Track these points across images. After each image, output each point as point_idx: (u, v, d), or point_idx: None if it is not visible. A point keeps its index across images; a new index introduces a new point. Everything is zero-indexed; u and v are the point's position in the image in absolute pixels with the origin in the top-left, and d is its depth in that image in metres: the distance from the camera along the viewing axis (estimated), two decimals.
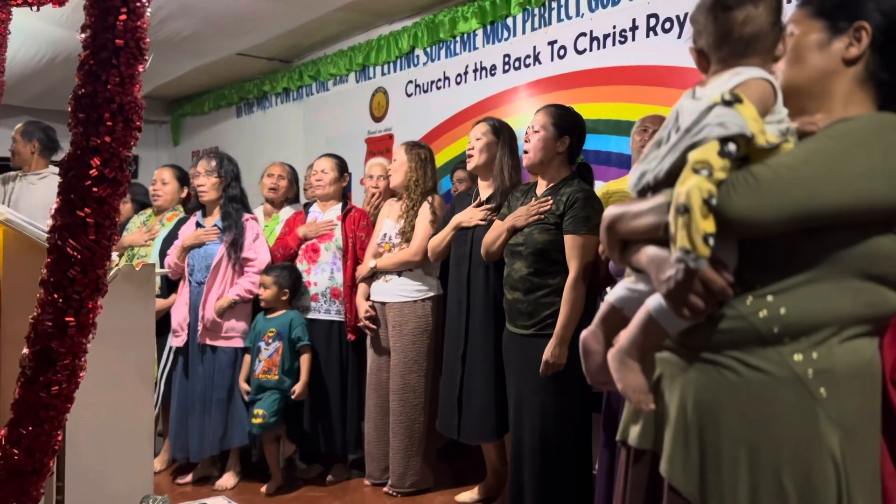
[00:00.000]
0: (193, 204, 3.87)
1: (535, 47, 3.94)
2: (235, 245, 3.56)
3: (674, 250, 1.08)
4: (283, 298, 3.51)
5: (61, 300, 1.18)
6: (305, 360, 3.50)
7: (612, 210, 1.28)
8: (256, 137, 6.11)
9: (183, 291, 3.63)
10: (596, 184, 3.16)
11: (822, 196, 1.07)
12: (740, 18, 1.18)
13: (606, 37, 3.59)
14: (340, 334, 3.63)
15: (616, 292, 1.31)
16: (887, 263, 1.10)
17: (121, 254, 3.86)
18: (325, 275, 3.64)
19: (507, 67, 4.10)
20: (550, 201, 2.74)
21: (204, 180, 3.64)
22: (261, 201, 4.24)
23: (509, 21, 4.08)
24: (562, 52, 3.81)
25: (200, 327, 3.52)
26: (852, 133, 1.11)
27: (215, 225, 3.62)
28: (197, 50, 4.81)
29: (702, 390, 1.15)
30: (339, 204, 3.78)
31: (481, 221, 3.10)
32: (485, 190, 3.18)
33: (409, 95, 4.73)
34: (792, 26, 1.24)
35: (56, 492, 1.89)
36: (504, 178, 3.07)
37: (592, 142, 3.34)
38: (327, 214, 3.74)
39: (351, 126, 5.12)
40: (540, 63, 3.92)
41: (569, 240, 2.68)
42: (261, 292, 3.52)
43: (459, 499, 3.32)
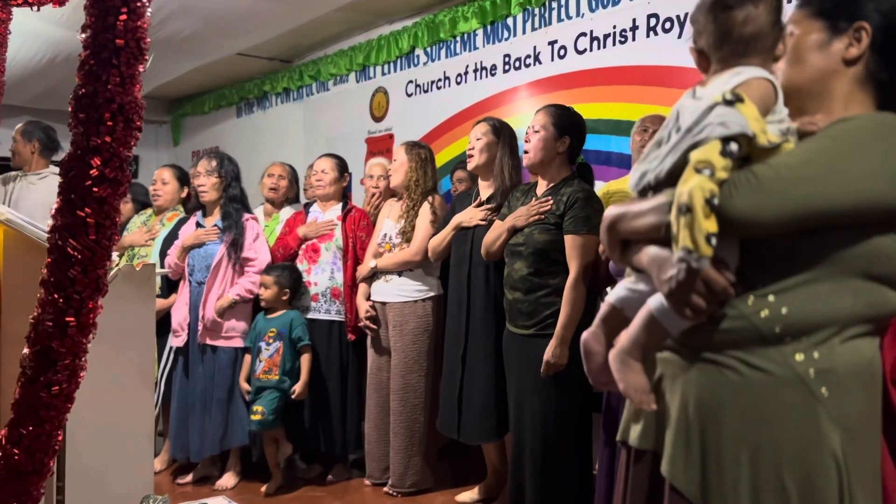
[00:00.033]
0: (193, 204, 3.87)
1: (536, 47, 3.94)
2: (235, 245, 3.56)
3: (676, 250, 1.08)
4: (284, 298, 3.51)
5: (62, 300, 1.18)
6: (306, 360, 3.50)
7: (613, 210, 1.28)
8: (257, 137, 6.11)
9: (183, 291, 3.63)
10: (596, 184, 3.16)
11: (824, 196, 1.07)
12: (740, 18, 1.18)
13: (607, 37, 3.59)
14: (340, 334, 3.63)
15: (616, 293, 1.30)
16: (888, 263, 1.10)
17: (121, 254, 3.85)
18: (326, 275, 3.64)
19: (508, 67, 4.09)
20: (551, 201, 2.74)
21: (204, 180, 3.64)
22: (261, 201, 4.24)
23: (509, 21, 4.08)
24: (562, 52, 3.80)
25: (201, 327, 3.52)
26: (853, 133, 1.12)
27: (215, 225, 3.62)
28: (197, 50, 4.81)
29: (703, 390, 1.15)
30: (340, 204, 3.77)
31: (482, 221, 3.10)
32: (485, 190, 3.18)
33: (410, 95, 4.73)
34: (791, 26, 1.24)
35: (56, 492, 1.89)
36: (504, 178, 3.07)
37: (592, 142, 3.34)
38: (327, 214, 3.74)
39: (351, 126, 5.12)
40: (540, 63, 3.92)
41: (569, 240, 2.68)
42: (261, 292, 3.52)
43: (460, 499, 3.32)
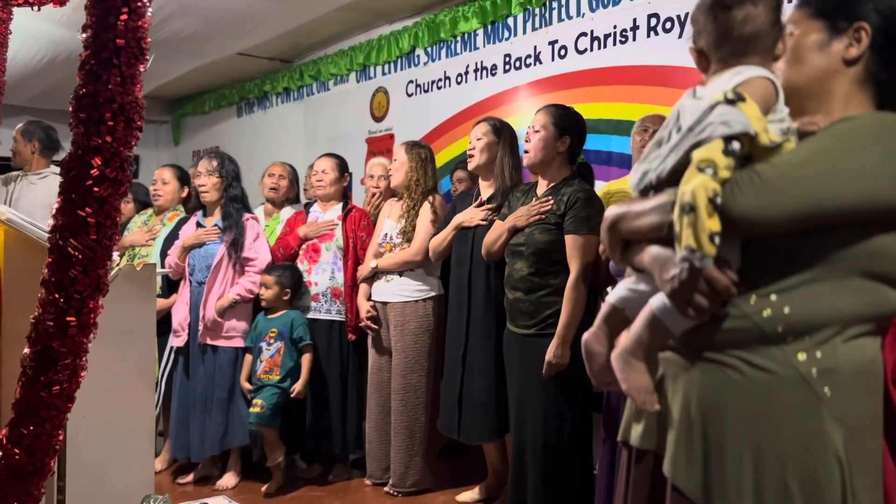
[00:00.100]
0: (194, 204, 3.87)
1: (536, 47, 3.94)
2: (236, 245, 3.56)
3: (679, 249, 1.07)
4: (285, 298, 3.51)
5: (62, 300, 1.17)
6: (306, 360, 3.50)
7: (614, 210, 1.28)
8: (257, 137, 6.10)
9: (184, 291, 3.63)
10: (597, 184, 3.16)
11: (827, 195, 1.07)
12: (740, 18, 1.18)
13: (607, 37, 3.59)
14: (341, 334, 3.63)
15: (617, 293, 1.30)
16: (890, 262, 1.10)
17: (122, 253, 3.85)
18: (326, 275, 3.64)
19: (508, 67, 4.09)
20: (551, 201, 2.74)
21: (205, 180, 3.64)
22: (261, 201, 4.24)
23: (510, 21, 4.08)
24: (562, 52, 3.80)
25: (201, 327, 3.52)
26: (855, 132, 1.11)
27: (216, 225, 3.62)
28: (198, 50, 4.81)
29: (705, 390, 1.14)
30: (340, 204, 3.77)
31: (482, 221, 3.10)
32: (485, 190, 3.18)
33: (410, 95, 4.73)
34: (791, 27, 1.24)
35: (57, 491, 1.89)
36: (505, 178, 3.07)
37: (593, 142, 3.34)
38: (328, 214, 3.74)
39: (351, 126, 5.12)
40: (541, 63, 3.92)
41: (570, 240, 2.68)
42: (262, 292, 3.52)
43: (460, 499, 3.31)
